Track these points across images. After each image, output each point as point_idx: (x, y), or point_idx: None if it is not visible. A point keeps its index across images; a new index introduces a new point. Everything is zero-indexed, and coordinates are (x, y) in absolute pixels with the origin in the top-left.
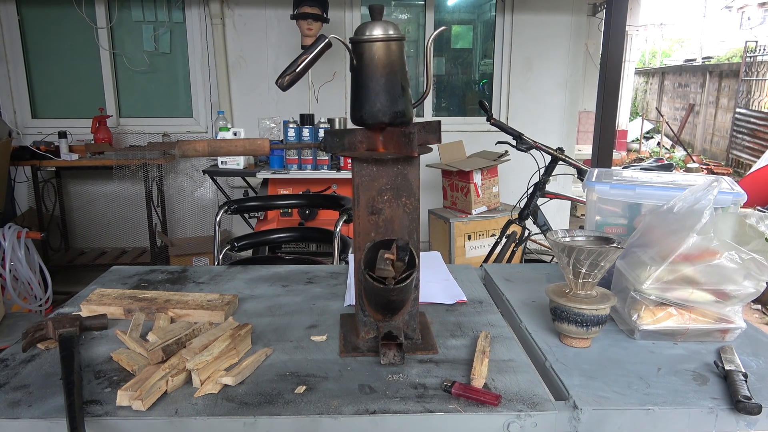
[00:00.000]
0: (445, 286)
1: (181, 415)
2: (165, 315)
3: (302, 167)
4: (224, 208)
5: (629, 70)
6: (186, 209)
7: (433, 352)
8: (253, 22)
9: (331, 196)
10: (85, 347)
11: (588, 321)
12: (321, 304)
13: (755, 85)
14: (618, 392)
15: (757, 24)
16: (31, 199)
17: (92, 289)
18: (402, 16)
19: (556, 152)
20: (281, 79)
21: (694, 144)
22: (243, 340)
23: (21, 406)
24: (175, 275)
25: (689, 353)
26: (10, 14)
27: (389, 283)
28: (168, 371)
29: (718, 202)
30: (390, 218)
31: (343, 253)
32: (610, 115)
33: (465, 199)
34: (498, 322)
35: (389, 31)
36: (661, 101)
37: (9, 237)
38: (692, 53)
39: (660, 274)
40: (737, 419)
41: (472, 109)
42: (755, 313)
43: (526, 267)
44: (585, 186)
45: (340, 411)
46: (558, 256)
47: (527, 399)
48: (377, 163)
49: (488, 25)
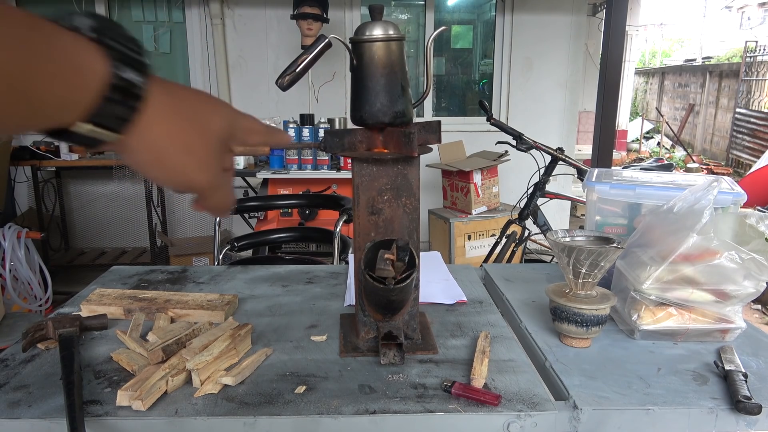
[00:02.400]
0: (445, 286)
1: (181, 415)
2: (165, 315)
3: (302, 167)
4: None
5: (629, 70)
6: (186, 209)
7: (433, 352)
8: (253, 22)
9: (331, 196)
10: (85, 347)
11: (588, 321)
12: (321, 304)
13: (755, 85)
14: (618, 392)
15: (757, 24)
16: (31, 199)
17: (92, 289)
18: (402, 16)
19: (556, 152)
20: (281, 79)
21: (694, 144)
22: (243, 340)
23: (21, 406)
24: (175, 275)
25: (689, 353)
26: None
27: (389, 283)
28: (168, 371)
29: (718, 202)
30: (390, 218)
31: (343, 253)
32: (610, 115)
33: (465, 199)
34: (498, 322)
35: (389, 31)
36: (661, 101)
37: (9, 237)
38: (692, 53)
39: (660, 274)
40: (737, 419)
41: (472, 109)
42: (755, 313)
43: (526, 267)
44: (585, 186)
45: (340, 411)
46: (558, 256)
47: (527, 399)
48: (377, 163)
49: (488, 25)
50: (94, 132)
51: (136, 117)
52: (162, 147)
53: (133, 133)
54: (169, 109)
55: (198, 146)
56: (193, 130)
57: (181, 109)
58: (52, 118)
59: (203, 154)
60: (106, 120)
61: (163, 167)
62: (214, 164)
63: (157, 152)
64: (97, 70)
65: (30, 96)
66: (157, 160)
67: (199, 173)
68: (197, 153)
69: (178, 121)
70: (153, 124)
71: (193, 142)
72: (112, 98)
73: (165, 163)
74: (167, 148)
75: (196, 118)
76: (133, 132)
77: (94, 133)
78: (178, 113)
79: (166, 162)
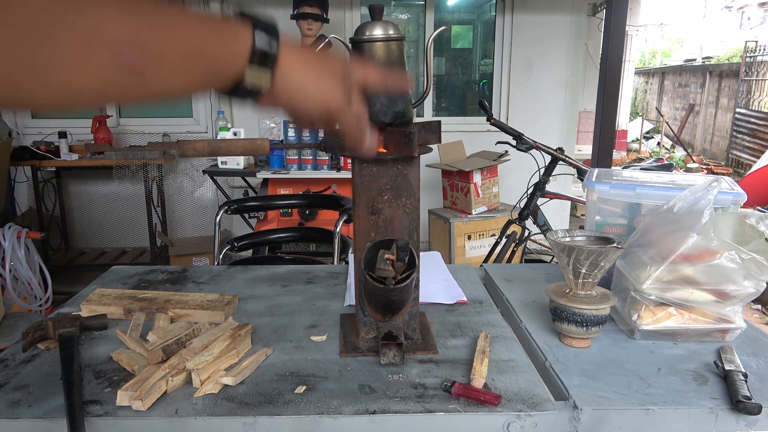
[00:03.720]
0: (445, 286)
1: (181, 415)
2: (165, 315)
3: (302, 167)
4: (224, 208)
5: (629, 70)
6: (186, 209)
7: (433, 352)
8: None
9: (331, 196)
10: (85, 347)
11: (588, 321)
12: (321, 304)
13: (755, 85)
14: (618, 392)
15: (757, 24)
16: (31, 199)
17: (92, 289)
18: (402, 16)
19: (556, 152)
20: None
21: (694, 144)
22: (243, 340)
23: (21, 406)
24: (175, 275)
25: (689, 353)
26: None
27: (389, 283)
28: (168, 371)
29: (718, 202)
30: (390, 218)
31: (343, 253)
32: (610, 115)
33: (465, 199)
34: (498, 322)
35: (389, 31)
36: (661, 101)
37: (9, 237)
38: (692, 53)
39: (660, 274)
40: (737, 419)
41: (472, 109)
42: (755, 313)
43: (526, 267)
44: (585, 186)
45: (340, 411)
46: (558, 256)
47: (527, 399)
48: (377, 163)
49: (488, 25)
50: (256, 77)
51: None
52: (299, 81)
53: (278, 75)
54: (299, 55)
55: (325, 76)
56: (319, 66)
57: (307, 55)
58: (228, 72)
59: (331, 80)
60: (261, 62)
61: (305, 95)
62: (341, 88)
63: (297, 86)
64: (245, 32)
65: (213, 57)
66: (299, 92)
67: (330, 93)
68: (326, 80)
69: (306, 62)
70: (290, 65)
71: (321, 73)
72: (258, 49)
73: (305, 91)
74: (303, 79)
75: (320, 60)
76: (278, 74)
77: (256, 78)
78: (306, 57)
79: (306, 90)
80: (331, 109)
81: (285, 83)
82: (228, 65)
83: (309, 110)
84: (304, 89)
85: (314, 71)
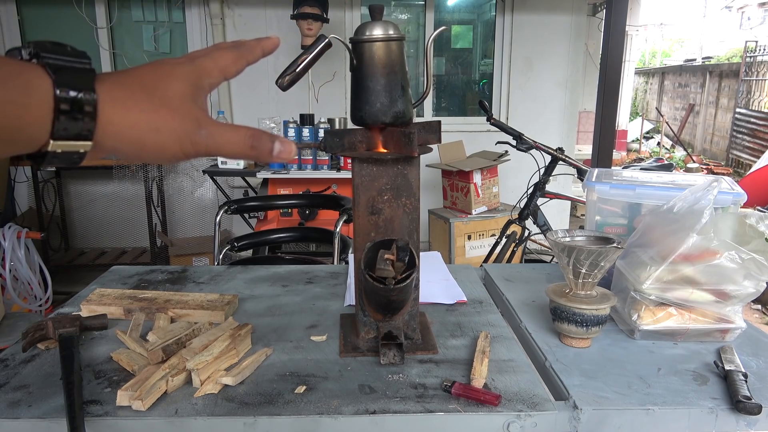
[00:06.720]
0: (445, 286)
1: (181, 415)
2: (165, 315)
3: (302, 167)
4: (224, 208)
5: (629, 70)
6: (186, 209)
7: (433, 352)
8: (253, 22)
9: (331, 196)
10: (85, 347)
11: (588, 321)
12: (321, 304)
13: (755, 85)
14: (618, 392)
15: (757, 24)
16: (31, 199)
17: (92, 289)
18: (402, 16)
19: (556, 152)
20: (281, 79)
21: (694, 144)
22: (243, 340)
23: (21, 406)
24: (175, 275)
25: (689, 353)
26: (10, 14)
27: (389, 283)
28: (168, 371)
29: (718, 202)
30: (390, 218)
31: (343, 253)
32: (610, 115)
33: (465, 199)
34: (498, 322)
35: (389, 31)
36: (661, 101)
37: (9, 237)
38: (692, 53)
39: (660, 274)
40: (737, 419)
41: (472, 109)
42: (755, 313)
43: (526, 267)
44: (585, 186)
45: (340, 411)
46: (558, 256)
47: (527, 399)
48: (377, 163)
49: (488, 25)
50: (68, 146)
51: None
52: (133, 136)
53: (103, 134)
54: (123, 99)
55: (164, 120)
56: (153, 107)
57: (135, 94)
58: (25, 143)
59: (172, 123)
60: (71, 129)
61: (145, 150)
62: (191, 126)
63: (131, 142)
64: (41, 84)
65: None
66: (137, 148)
67: (177, 143)
68: (166, 126)
69: (135, 106)
70: (114, 119)
71: (158, 118)
72: (64, 109)
73: (144, 147)
74: (138, 135)
75: (154, 93)
76: (102, 132)
77: (69, 147)
78: (134, 99)
79: (145, 145)
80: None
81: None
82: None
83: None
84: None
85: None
